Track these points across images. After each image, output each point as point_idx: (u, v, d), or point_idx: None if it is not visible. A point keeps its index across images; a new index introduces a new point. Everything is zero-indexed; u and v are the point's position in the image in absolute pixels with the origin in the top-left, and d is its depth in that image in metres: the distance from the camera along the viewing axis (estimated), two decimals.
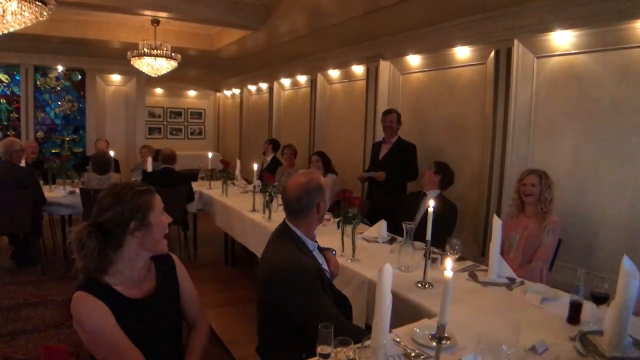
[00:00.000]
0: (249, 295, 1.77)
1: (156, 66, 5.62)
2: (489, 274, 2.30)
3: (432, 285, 2.14)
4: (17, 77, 7.57)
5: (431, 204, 2.10)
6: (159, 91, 10.42)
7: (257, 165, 4.46)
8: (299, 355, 1.51)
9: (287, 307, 1.66)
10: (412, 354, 1.47)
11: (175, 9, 5.08)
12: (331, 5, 4.38)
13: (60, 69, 7.84)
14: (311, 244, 1.87)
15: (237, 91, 10.07)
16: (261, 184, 3.79)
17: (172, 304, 1.56)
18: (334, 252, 2.12)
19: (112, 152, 5.50)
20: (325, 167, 4.86)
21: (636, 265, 1.52)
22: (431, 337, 1.54)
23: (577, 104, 3.49)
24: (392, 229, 3.10)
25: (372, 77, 5.49)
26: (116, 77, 8.50)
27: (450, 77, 4.68)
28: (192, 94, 10.98)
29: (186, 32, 6.91)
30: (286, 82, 7.93)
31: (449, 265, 1.22)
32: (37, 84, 7.74)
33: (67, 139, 8.13)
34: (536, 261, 2.78)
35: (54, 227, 5.26)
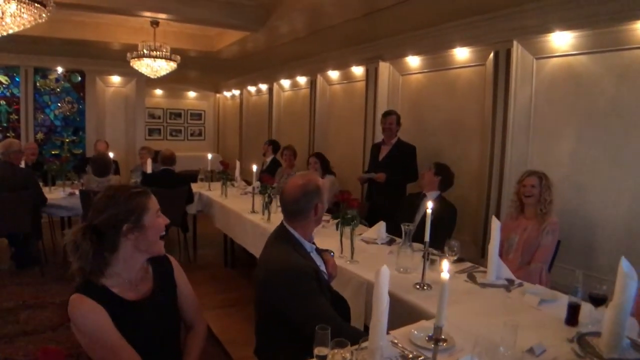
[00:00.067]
0: (248, 296, 1.77)
1: (155, 67, 5.62)
2: (487, 275, 2.29)
3: (430, 286, 2.14)
4: (17, 79, 7.57)
5: (429, 206, 2.10)
6: (158, 92, 10.42)
7: (256, 166, 4.46)
8: (297, 356, 1.51)
9: (285, 309, 1.66)
10: (410, 356, 1.47)
11: (174, 10, 5.09)
12: (330, 6, 4.38)
13: (60, 70, 7.84)
14: (309, 246, 1.87)
15: (236, 92, 10.06)
16: (260, 186, 3.79)
17: (169, 306, 1.56)
18: (332, 254, 2.11)
19: (111, 154, 5.50)
20: (323, 168, 4.86)
21: (636, 265, 1.52)
22: (428, 338, 1.53)
23: (576, 105, 3.49)
24: (392, 230, 3.10)
25: (371, 78, 5.49)
26: (116, 79, 8.50)
27: (449, 78, 4.68)
28: (191, 95, 10.97)
29: (186, 34, 6.91)
30: (286, 83, 7.93)
31: (445, 267, 1.22)
32: (37, 85, 7.74)
33: (67, 140, 8.13)
34: (535, 262, 2.78)
35: (53, 229, 5.26)
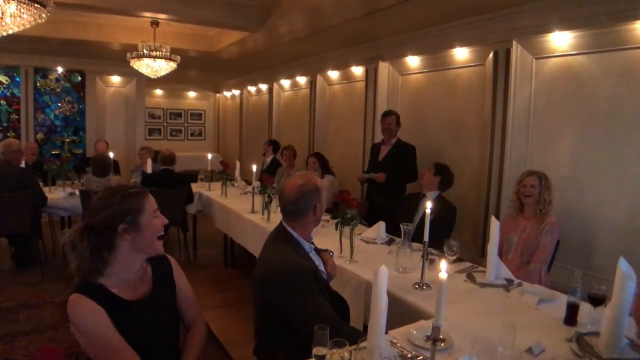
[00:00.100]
0: (248, 296, 1.78)
1: (155, 67, 5.62)
2: (486, 275, 2.29)
3: (429, 286, 2.14)
4: (17, 79, 7.58)
5: (428, 206, 2.10)
6: (158, 92, 10.42)
7: (256, 166, 4.46)
8: (296, 356, 1.51)
9: (284, 308, 1.66)
10: (409, 356, 1.47)
11: (174, 10, 5.09)
12: (330, 6, 4.39)
13: (60, 70, 7.85)
14: (308, 246, 1.88)
15: (236, 92, 10.07)
16: (260, 185, 3.79)
17: (168, 306, 1.57)
18: (332, 254, 2.11)
19: (111, 154, 5.50)
20: (322, 168, 4.84)
21: (635, 265, 1.52)
22: (426, 338, 1.53)
23: (576, 105, 3.50)
24: (392, 230, 3.10)
25: (371, 78, 5.50)
26: (116, 79, 8.50)
27: (449, 78, 4.68)
28: (192, 95, 10.98)
29: (185, 34, 6.92)
30: (286, 83, 7.93)
31: (443, 267, 1.23)
32: (37, 85, 7.75)
33: (67, 140, 8.14)
34: (535, 262, 2.78)
35: (53, 229, 5.27)
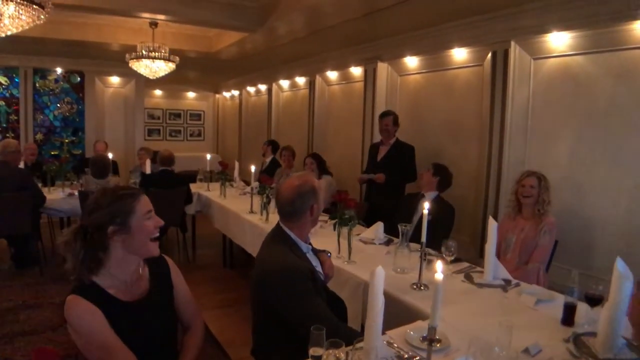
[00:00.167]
0: (247, 296, 1.77)
1: (154, 68, 5.63)
2: (484, 275, 2.29)
3: (427, 287, 2.14)
4: (16, 80, 7.58)
5: (426, 206, 2.11)
6: (158, 93, 10.43)
7: (254, 167, 4.46)
8: (294, 357, 1.51)
9: (281, 309, 1.67)
10: (405, 356, 1.47)
11: (173, 11, 5.10)
12: (329, 6, 4.40)
13: (59, 71, 7.85)
14: (305, 246, 1.88)
15: (236, 93, 10.07)
16: (259, 186, 3.79)
17: (165, 307, 1.57)
18: (329, 254, 2.11)
19: (110, 154, 5.49)
20: (319, 169, 4.82)
21: (633, 266, 1.52)
22: (422, 339, 1.54)
23: (574, 105, 3.50)
24: (391, 230, 3.09)
25: (370, 78, 5.50)
26: (115, 79, 8.51)
27: (447, 79, 4.69)
28: (191, 95, 10.98)
29: (184, 34, 6.93)
30: (285, 83, 7.93)
31: (439, 267, 1.23)
32: (36, 86, 7.75)
33: (66, 141, 8.15)
34: (533, 262, 2.78)
35: (53, 229, 5.26)
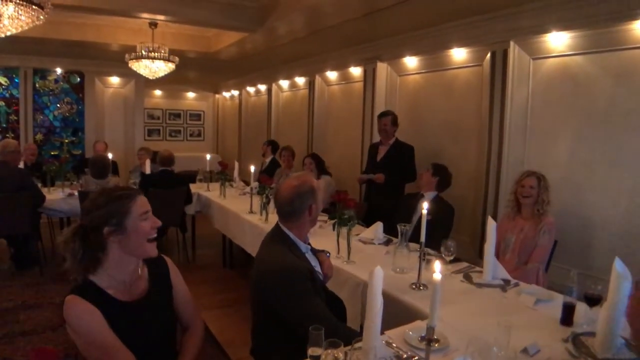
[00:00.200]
0: (247, 296, 1.78)
1: (154, 69, 5.63)
2: (483, 275, 2.30)
3: (426, 287, 2.14)
4: (16, 80, 7.58)
5: (425, 207, 2.11)
6: (158, 93, 10.43)
7: (254, 167, 4.46)
8: (293, 357, 1.51)
9: (280, 309, 1.67)
10: (404, 356, 1.47)
11: (172, 12, 5.10)
12: (328, 7, 4.40)
13: (59, 71, 7.85)
14: (304, 247, 1.88)
15: (235, 93, 10.07)
16: (258, 186, 3.80)
17: (164, 307, 1.57)
18: (328, 254, 2.12)
19: (110, 155, 5.50)
20: (318, 169, 4.81)
21: (633, 266, 1.53)
22: (421, 339, 1.54)
23: (573, 105, 3.50)
24: (390, 230, 3.09)
25: (369, 78, 5.50)
26: (115, 79, 8.51)
27: (447, 79, 4.69)
28: (191, 95, 10.98)
29: (184, 35, 6.93)
30: (284, 83, 7.94)
31: (437, 267, 1.23)
32: (36, 86, 7.76)
33: (66, 141, 8.15)
34: (532, 262, 2.78)
35: (52, 230, 5.27)
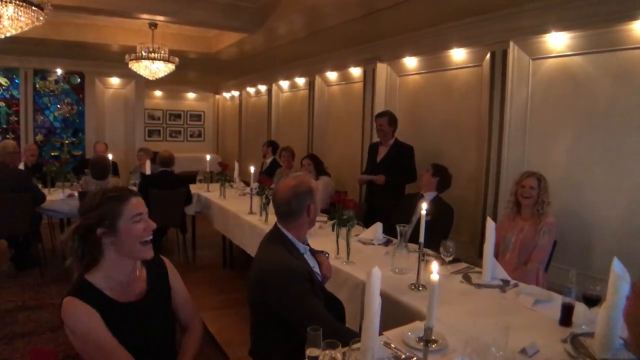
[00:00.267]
0: (246, 297, 1.79)
1: (154, 69, 5.64)
2: (482, 276, 2.30)
3: (425, 287, 2.14)
4: (17, 81, 7.59)
5: (424, 207, 2.11)
6: (158, 93, 10.42)
7: (254, 167, 4.46)
8: (292, 357, 1.51)
9: (278, 310, 1.67)
10: (402, 357, 1.47)
11: (172, 12, 5.11)
12: (328, 7, 4.40)
13: (59, 72, 7.87)
14: (302, 247, 1.87)
15: (236, 93, 10.07)
16: (258, 187, 3.80)
17: (163, 308, 1.57)
18: (327, 255, 2.11)
19: (110, 155, 5.50)
20: (317, 170, 4.80)
21: (632, 266, 1.52)
22: (419, 339, 1.54)
23: (573, 106, 3.50)
24: (390, 230, 3.09)
25: (369, 79, 5.50)
26: (115, 80, 8.52)
27: (446, 79, 4.68)
28: (191, 96, 10.97)
29: (184, 35, 6.94)
30: (284, 84, 7.94)
31: (434, 268, 1.23)
32: (37, 87, 7.77)
33: (67, 142, 8.16)
34: (532, 263, 2.78)
35: (53, 231, 5.27)
